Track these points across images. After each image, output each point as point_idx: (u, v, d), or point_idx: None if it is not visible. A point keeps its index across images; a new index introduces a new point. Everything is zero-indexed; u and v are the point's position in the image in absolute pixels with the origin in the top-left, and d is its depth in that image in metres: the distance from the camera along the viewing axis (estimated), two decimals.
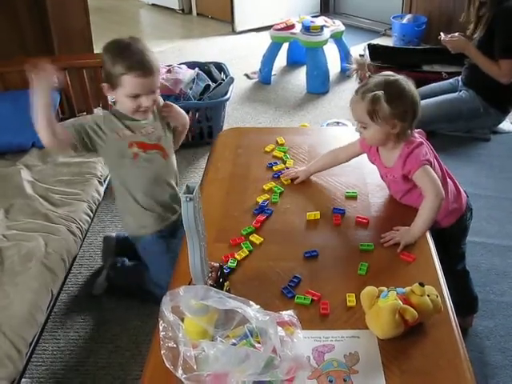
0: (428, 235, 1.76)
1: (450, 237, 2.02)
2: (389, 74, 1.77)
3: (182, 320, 1.26)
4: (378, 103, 1.69)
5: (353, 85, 4.62)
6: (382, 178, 1.95)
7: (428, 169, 1.75)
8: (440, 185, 1.74)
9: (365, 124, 1.76)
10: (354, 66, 1.78)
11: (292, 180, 2.04)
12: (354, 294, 1.50)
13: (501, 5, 3.22)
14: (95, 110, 3.14)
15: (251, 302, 1.21)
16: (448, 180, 1.92)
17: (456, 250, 2.11)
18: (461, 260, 2.15)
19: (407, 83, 1.75)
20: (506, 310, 2.34)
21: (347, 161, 2.04)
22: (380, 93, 1.69)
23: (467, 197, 2.01)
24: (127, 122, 2.02)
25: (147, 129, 2.05)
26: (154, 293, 2.04)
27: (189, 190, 1.22)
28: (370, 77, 1.77)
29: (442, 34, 3.48)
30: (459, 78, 3.62)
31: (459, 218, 1.98)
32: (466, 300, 2.25)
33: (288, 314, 1.30)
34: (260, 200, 1.93)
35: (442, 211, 1.86)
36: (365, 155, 1.97)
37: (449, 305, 1.49)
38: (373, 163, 1.95)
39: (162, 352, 1.21)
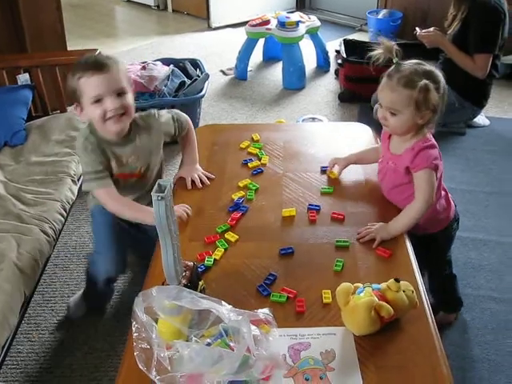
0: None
1: (437, 244, 2.04)
2: (419, 63, 1.73)
3: (156, 321, 1.24)
4: (429, 92, 1.65)
5: (328, 81, 4.64)
6: (380, 163, 1.92)
7: (432, 174, 1.74)
8: (434, 193, 1.74)
9: (396, 111, 1.72)
10: (380, 50, 1.72)
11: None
12: (329, 291, 1.49)
13: (475, 1, 3.24)
14: (68, 109, 3.10)
15: (223, 302, 1.20)
16: (444, 193, 1.93)
17: (443, 257, 2.13)
18: (448, 266, 2.17)
19: (440, 74, 1.73)
20: (482, 303, 2.36)
21: (372, 161, 2.02)
22: (429, 82, 1.65)
23: (455, 206, 2.01)
24: (115, 149, 1.93)
25: (132, 159, 1.96)
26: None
27: (160, 189, 1.19)
28: (398, 63, 1.72)
29: (417, 28, 3.50)
30: None
31: (446, 227, 1.99)
32: (450, 300, 2.27)
33: (263, 313, 1.29)
34: (235, 197, 1.91)
35: (431, 219, 1.88)
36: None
37: (425, 300, 1.49)
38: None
39: (136, 353, 1.19)
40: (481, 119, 3.84)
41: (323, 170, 2.07)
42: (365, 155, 2.04)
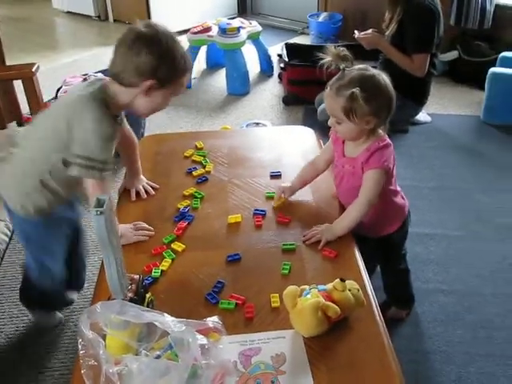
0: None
1: (394, 242, 2.08)
2: (363, 68, 1.72)
3: (104, 337, 1.23)
4: (355, 101, 1.64)
5: (272, 85, 4.67)
6: (334, 169, 1.92)
7: (382, 174, 1.75)
8: (378, 194, 1.75)
9: (338, 119, 1.72)
10: (329, 58, 1.71)
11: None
12: (277, 295, 1.50)
13: (410, 2, 3.32)
14: (9, 125, 3.04)
15: (166, 314, 1.19)
16: (399, 189, 1.96)
17: (399, 252, 2.17)
18: (403, 260, 2.21)
19: (383, 78, 1.72)
20: (431, 296, 2.42)
21: (327, 166, 1.99)
22: (357, 90, 1.63)
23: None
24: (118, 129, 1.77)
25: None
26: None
27: (99, 203, 1.18)
28: (343, 69, 1.71)
29: (356, 31, 3.56)
30: None
31: (402, 225, 2.02)
32: (404, 296, 2.31)
33: (212, 321, 1.29)
34: (181, 206, 1.90)
35: (390, 217, 1.94)
36: None
37: (372, 297, 1.51)
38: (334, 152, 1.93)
39: (83, 371, 1.17)
40: (422, 116, 3.93)
41: (272, 176, 2.08)
42: (305, 175, 1.99)
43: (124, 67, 1.62)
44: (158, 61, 1.60)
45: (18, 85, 2.87)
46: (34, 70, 2.85)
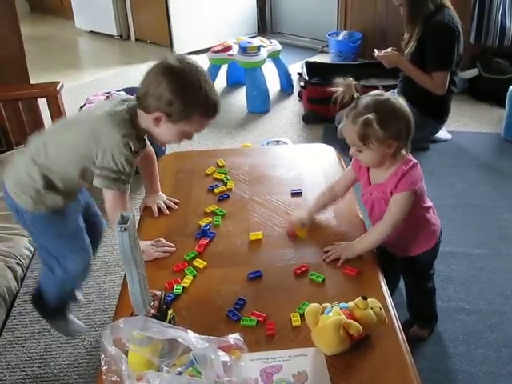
0: None
1: (425, 262, 2.07)
2: (377, 94, 1.71)
3: (126, 353, 1.24)
4: (369, 127, 1.63)
5: (292, 103, 4.69)
6: (362, 197, 1.90)
7: (409, 196, 1.73)
8: (403, 218, 1.74)
9: (358, 147, 1.71)
10: (340, 89, 1.71)
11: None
12: (298, 314, 1.50)
13: (430, 20, 3.32)
14: None
15: (189, 330, 1.20)
16: (431, 204, 1.95)
17: (428, 272, 2.15)
18: (431, 279, 2.19)
19: (398, 100, 1.71)
20: (452, 315, 2.39)
21: (345, 193, 1.98)
22: (371, 116, 1.62)
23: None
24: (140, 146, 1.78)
25: None
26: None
27: (123, 220, 1.20)
28: (358, 98, 1.70)
29: (375, 50, 3.57)
30: (395, 90, 3.71)
31: (434, 245, 2.01)
32: (428, 315, 2.29)
33: (234, 338, 1.29)
34: (202, 223, 1.92)
35: (419, 238, 1.94)
36: None
37: (394, 316, 1.51)
38: (358, 180, 1.92)
39: None
40: (443, 134, 3.91)
41: (293, 193, 2.09)
42: (323, 202, 1.96)
43: (145, 92, 1.66)
44: (173, 96, 1.62)
45: (43, 103, 2.91)
46: (58, 88, 2.89)
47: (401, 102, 1.72)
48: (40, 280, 2.13)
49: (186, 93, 1.63)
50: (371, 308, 1.42)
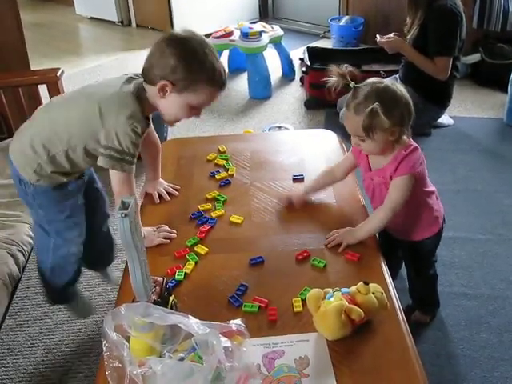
0: None
1: (428, 248, 2.07)
2: (376, 82, 1.69)
3: (128, 339, 1.24)
4: (376, 117, 1.60)
5: (293, 89, 4.67)
6: (363, 182, 1.90)
7: (409, 180, 1.72)
8: (403, 201, 1.73)
9: (361, 137, 1.69)
10: (334, 78, 1.70)
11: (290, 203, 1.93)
12: (300, 299, 1.50)
13: (432, 4, 3.30)
14: None
15: (190, 316, 1.20)
16: (433, 189, 1.94)
17: (430, 259, 2.15)
18: (433, 266, 2.19)
19: (396, 86, 1.70)
20: (454, 300, 2.40)
21: (345, 176, 1.97)
22: (376, 105, 1.60)
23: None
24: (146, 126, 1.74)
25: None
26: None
27: (124, 206, 1.19)
28: (355, 87, 1.68)
29: (378, 35, 3.55)
30: (397, 75, 3.69)
31: (438, 231, 2.01)
32: (430, 301, 2.30)
33: (236, 323, 1.29)
34: (203, 209, 1.91)
35: (422, 223, 1.93)
36: None
37: (395, 300, 1.50)
38: (358, 165, 1.91)
39: (107, 373, 1.18)
40: (445, 119, 3.90)
41: (294, 179, 2.08)
42: (322, 182, 1.96)
43: (149, 64, 1.64)
44: (177, 62, 1.59)
45: (43, 89, 2.90)
46: (58, 74, 2.88)
47: (399, 86, 1.71)
48: (37, 258, 2.12)
49: (189, 58, 1.60)
50: (373, 293, 1.42)
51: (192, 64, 1.60)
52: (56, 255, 1.98)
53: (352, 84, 1.69)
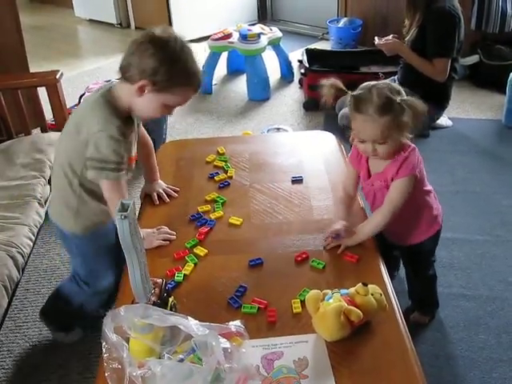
0: None
1: (427, 249, 2.08)
2: (381, 84, 1.66)
3: (127, 340, 1.24)
4: (403, 114, 1.61)
5: (292, 90, 4.68)
6: (364, 189, 1.90)
7: (409, 181, 1.72)
8: (403, 203, 1.73)
9: (383, 140, 1.66)
10: (326, 90, 1.74)
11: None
12: (298, 300, 1.51)
13: (430, 6, 3.30)
14: (33, 132, 3.08)
15: (190, 317, 1.20)
16: (431, 188, 1.94)
17: (430, 259, 2.16)
18: (432, 266, 2.19)
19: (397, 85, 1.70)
20: (453, 301, 2.40)
21: (356, 192, 1.93)
22: (401, 99, 1.61)
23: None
24: (127, 130, 1.72)
25: (132, 139, 1.81)
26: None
27: (123, 208, 1.20)
28: (353, 95, 1.67)
29: (376, 38, 3.55)
30: (395, 77, 3.70)
31: (437, 231, 2.02)
32: (429, 302, 2.30)
33: (235, 325, 1.29)
34: (203, 211, 1.92)
35: (421, 224, 1.94)
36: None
37: (394, 302, 1.51)
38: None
39: (107, 374, 1.19)
40: (443, 120, 3.90)
41: (293, 180, 2.08)
42: (347, 207, 1.89)
43: (128, 62, 1.64)
44: (159, 64, 1.59)
45: (42, 92, 2.91)
46: (57, 76, 2.89)
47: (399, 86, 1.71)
48: (62, 285, 2.16)
49: (171, 61, 1.61)
50: (372, 294, 1.43)
51: (173, 67, 1.62)
52: (88, 296, 2.05)
53: (350, 92, 1.70)
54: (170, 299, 1.42)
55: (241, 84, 4.80)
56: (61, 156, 1.81)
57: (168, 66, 1.61)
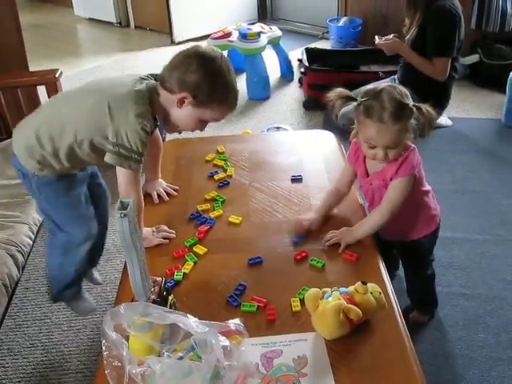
0: None
1: (425, 247, 2.08)
2: (383, 89, 1.65)
3: (127, 338, 1.24)
4: (412, 118, 1.64)
5: (292, 89, 4.68)
6: (362, 188, 1.91)
7: (408, 181, 1.73)
8: (402, 202, 1.74)
9: (395, 145, 1.67)
10: (337, 101, 1.76)
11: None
12: (298, 299, 1.51)
13: (431, 5, 3.30)
14: None
15: (189, 315, 1.20)
16: (429, 188, 1.95)
17: (428, 258, 2.16)
18: (430, 265, 2.20)
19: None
20: (452, 300, 2.40)
21: (349, 190, 1.94)
22: (412, 104, 1.63)
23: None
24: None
25: None
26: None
27: (123, 206, 1.20)
28: (360, 102, 1.67)
29: (376, 37, 3.56)
30: (395, 76, 3.70)
31: (435, 229, 2.02)
32: (428, 301, 2.30)
33: (234, 323, 1.30)
34: (202, 210, 1.92)
35: (419, 222, 1.94)
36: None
37: (393, 300, 1.51)
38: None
39: (107, 372, 1.19)
40: (443, 120, 3.91)
41: (293, 180, 2.09)
42: (330, 203, 1.90)
43: (172, 73, 1.67)
44: (202, 78, 1.64)
45: (42, 90, 2.91)
46: (57, 75, 2.89)
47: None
48: (46, 252, 2.12)
49: (214, 78, 1.66)
50: (371, 293, 1.43)
51: (217, 84, 1.66)
52: (66, 247, 1.98)
53: (359, 99, 1.69)
54: (170, 297, 1.42)
55: (240, 83, 4.78)
56: (67, 114, 1.75)
57: (210, 82, 1.65)
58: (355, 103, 1.71)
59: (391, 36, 3.51)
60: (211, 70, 1.66)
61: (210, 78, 1.65)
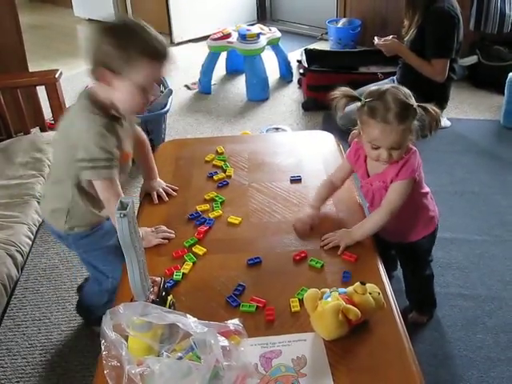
0: None
1: (423, 248, 2.08)
2: (390, 89, 1.65)
3: (126, 338, 1.24)
4: (416, 118, 1.64)
5: (291, 90, 4.69)
6: (362, 189, 1.91)
7: (409, 184, 1.73)
8: (401, 204, 1.74)
9: (399, 146, 1.67)
10: (341, 101, 1.73)
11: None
12: (297, 299, 1.51)
13: (430, 7, 3.31)
14: (32, 131, 3.09)
15: (188, 315, 1.21)
16: (428, 190, 1.95)
17: (427, 259, 2.17)
18: (429, 266, 2.20)
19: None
20: (451, 300, 2.41)
21: (342, 184, 1.95)
22: (415, 104, 1.64)
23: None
24: (118, 127, 1.73)
25: (126, 137, 1.79)
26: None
27: (122, 206, 1.20)
28: (364, 103, 1.67)
29: (375, 38, 3.56)
30: (394, 77, 3.71)
31: (434, 230, 2.03)
32: (426, 301, 2.30)
33: (233, 323, 1.30)
34: (201, 210, 1.92)
35: (418, 224, 1.95)
36: None
37: (392, 301, 1.51)
38: (354, 172, 1.92)
39: (106, 372, 1.19)
40: (442, 121, 3.89)
41: (292, 180, 2.09)
42: (324, 195, 1.92)
43: (88, 62, 1.61)
44: (107, 43, 1.55)
45: (41, 91, 2.91)
46: (56, 76, 2.90)
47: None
48: (85, 291, 2.22)
49: (117, 36, 1.56)
50: (370, 293, 1.43)
51: (120, 40, 1.56)
52: (113, 290, 1.98)
53: (363, 99, 1.69)
54: (169, 297, 1.42)
55: (240, 84, 4.81)
56: (56, 161, 1.85)
57: (113, 43, 1.55)
58: (358, 104, 1.71)
59: (390, 37, 3.52)
60: (107, 33, 1.56)
61: (110, 40, 1.54)
